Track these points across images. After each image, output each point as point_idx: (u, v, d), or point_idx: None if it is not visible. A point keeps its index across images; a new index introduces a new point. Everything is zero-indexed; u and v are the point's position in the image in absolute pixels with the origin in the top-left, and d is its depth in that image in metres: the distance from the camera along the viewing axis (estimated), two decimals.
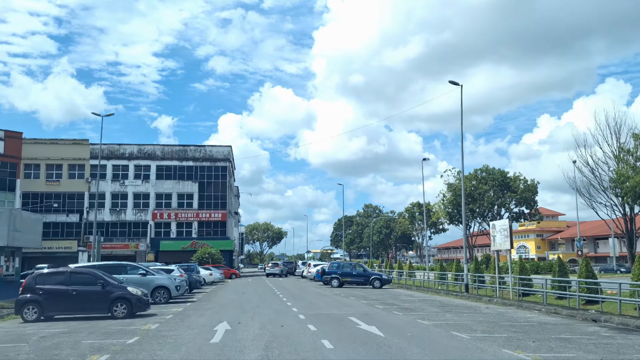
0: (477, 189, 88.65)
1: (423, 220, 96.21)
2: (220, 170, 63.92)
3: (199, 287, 31.14)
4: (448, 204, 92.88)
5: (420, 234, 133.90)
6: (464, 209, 29.59)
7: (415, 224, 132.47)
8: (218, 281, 43.77)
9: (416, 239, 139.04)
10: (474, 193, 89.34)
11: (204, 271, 40.57)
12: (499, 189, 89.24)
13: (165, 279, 22.89)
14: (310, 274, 46.69)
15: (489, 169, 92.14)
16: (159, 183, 62.81)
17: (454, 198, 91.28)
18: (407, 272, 41.91)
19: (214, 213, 62.82)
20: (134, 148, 63.44)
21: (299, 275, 56.27)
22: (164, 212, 62.36)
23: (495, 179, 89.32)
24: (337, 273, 35.71)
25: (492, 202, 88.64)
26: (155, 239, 61.62)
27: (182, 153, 63.61)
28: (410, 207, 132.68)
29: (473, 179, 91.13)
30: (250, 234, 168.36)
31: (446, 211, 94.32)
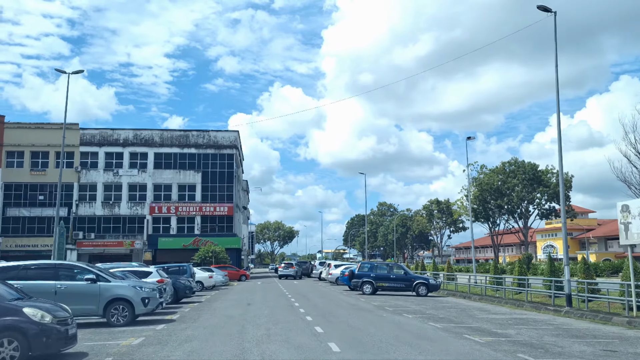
0: (505, 183, 79.96)
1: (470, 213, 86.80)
2: (227, 159, 55.69)
3: (189, 295, 22.79)
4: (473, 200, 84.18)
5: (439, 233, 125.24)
6: (562, 191, 20.69)
7: (433, 222, 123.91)
8: (221, 285, 35.49)
9: (434, 238, 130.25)
10: (501, 188, 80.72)
11: (202, 273, 32.31)
12: (529, 183, 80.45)
13: (127, 288, 14.55)
14: (331, 277, 38.30)
15: (517, 162, 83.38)
16: (157, 173, 54.71)
17: (480, 193, 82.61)
18: (445, 274, 33.56)
19: (219, 206, 54.61)
20: (129, 133, 55.42)
21: (315, 277, 47.87)
22: (162, 205, 54.24)
23: (525, 172, 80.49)
24: (370, 276, 27.28)
25: (522, 197, 79.83)
26: (153, 236, 53.52)
27: (184, 139, 55.49)
28: (428, 205, 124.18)
29: (500, 172, 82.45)
30: (261, 233, 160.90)
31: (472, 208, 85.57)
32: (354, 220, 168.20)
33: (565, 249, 20.73)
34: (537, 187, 78.54)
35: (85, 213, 53.59)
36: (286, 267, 49.44)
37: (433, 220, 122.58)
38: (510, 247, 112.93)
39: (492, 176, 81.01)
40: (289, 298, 24.25)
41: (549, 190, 77.25)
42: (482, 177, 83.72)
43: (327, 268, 40.77)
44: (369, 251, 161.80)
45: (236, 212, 56.14)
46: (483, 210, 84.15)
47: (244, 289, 33.23)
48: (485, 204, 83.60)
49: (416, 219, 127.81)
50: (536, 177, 78.88)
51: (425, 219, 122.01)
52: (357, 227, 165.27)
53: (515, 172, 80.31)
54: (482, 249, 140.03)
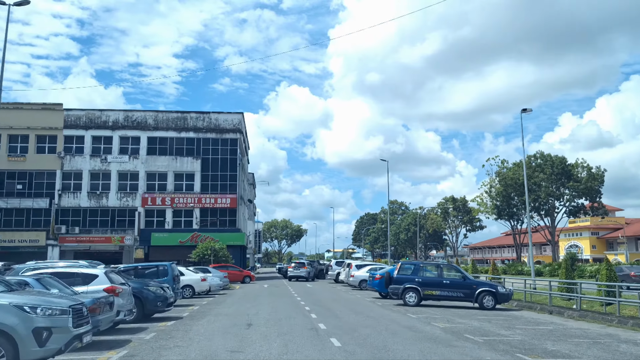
0: (532, 177, 72.29)
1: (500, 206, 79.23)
2: (229, 144, 48.40)
3: (163, 309, 15.33)
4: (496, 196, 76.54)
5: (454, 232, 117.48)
6: None
7: (448, 221, 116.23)
8: (218, 289, 28.12)
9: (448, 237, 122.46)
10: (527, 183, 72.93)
11: (192, 275, 24.97)
12: (557, 177, 72.66)
13: (6, 311, 7.22)
14: (353, 279, 30.90)
15: (544, 155, 75.60)
16: (151, 159, 47.51)
17: (504, 189, 74.92)
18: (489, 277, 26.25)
19: (220, 198, 47.33)
20: (120, 115, 48.24)
21: (330, 279, 40.46)
22: (157, 196, 47.03)
23: (553, 166, 72.70)
24: (415, 281, 19.84)
25: (551, 193, 72.06)
26: (145, 231, 46.31)
27: (181, 121, 48.24)
28: (443, 202, 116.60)
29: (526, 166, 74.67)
30: (268, 231, 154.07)
31: (494, 204, 77.97)
32: (363, 219, 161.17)
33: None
34: (567, 182, 70.86)
35: (69, 204, 46.47)
36: (297, 267, 42.01)
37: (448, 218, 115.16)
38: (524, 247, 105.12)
39: (517, 170, 73.32)
40: (308, 313, 16.85)
41: (580, 186, 69.52)
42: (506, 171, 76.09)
43: (347, 269, 33.36)
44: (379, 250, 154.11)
45: (240, 204, 48.87)
46: (508, 207, 76.57)
47: (246, 295, 25.86)
48: (509, 200, 75.98)
49: (430, 217, 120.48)
50: (565, 172, 71.24)
51: (439, 217, 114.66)
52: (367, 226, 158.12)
53: (542, 166, 72.67)
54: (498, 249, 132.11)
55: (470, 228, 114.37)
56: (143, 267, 20.04)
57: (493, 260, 40.52)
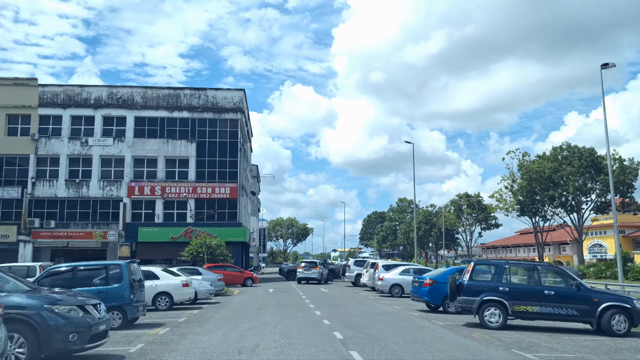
0: (558, 170, 64.85)
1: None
2: (229, 125, 41.41)
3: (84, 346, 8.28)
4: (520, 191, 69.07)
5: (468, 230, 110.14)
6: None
7: (462, 218, 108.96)
8: (208, 297, 21.02)
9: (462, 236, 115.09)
10: (554, 176, 65.48)
11: (170, 279, 17.92)
12: (585, 171, 65.23)
13: None
14: (381, 284, 23.79)
15: (571, 147, 68.08)
16: (138, 143, 40.59)
17: (528, 183, 67.48)
18: None
19: (219, 187, 40.37)
20: (103, 91, 41.30)
21: (348, 281, 33.35)
22: (145, 185, 40.10)
23: (581, 159, 65.29)
24: (499, 291, 12.72)
25: (580, 187, 64.64)
26: (132, 225, 39.40)
27: (173, 99, 41.26)
28: (456, 200, 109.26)
29: (552, 159, 67.21)
30: (273, 230, 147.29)
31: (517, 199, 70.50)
32: (370, 217, 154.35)
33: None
34: (597, 176, 63.51)
35: (44, 194, 39.61)
36: (307, 268, 34.88)
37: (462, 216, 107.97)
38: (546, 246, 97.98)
39: (543, 164, 65.94)
40: (342, 345, 9.78)
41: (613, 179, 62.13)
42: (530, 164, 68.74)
43: (372, 270, 26.28)
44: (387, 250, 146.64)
45: (241, 195, 41.86)
46: (532, 203, 69.14)
47: (244, 307, 18.78)
48: (534, 195, 68.56)
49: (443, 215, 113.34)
50: (594, 164, 63.91)
51: (453, 215, 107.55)
52: (375, 224, 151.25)
53: (570, 158, 65.34)
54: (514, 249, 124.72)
55: (485, 226, 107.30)
56: (85, 268, 13.04)
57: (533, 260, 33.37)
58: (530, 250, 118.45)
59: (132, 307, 12.82)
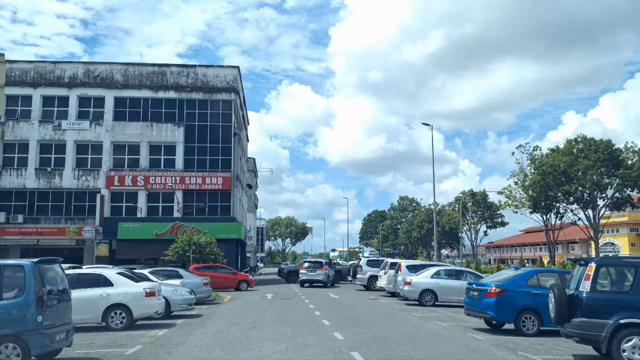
0: (574, 164, 59.75)
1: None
2: (222, 107, 36.22)
3: None
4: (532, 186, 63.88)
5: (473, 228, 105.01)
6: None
7: (467, 216, 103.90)
8: (187, 308, 15.69)
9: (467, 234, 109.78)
10: (569, 171, 60.34)
11: (127, 286, 12.63)
12: (603, 164, 60.14)
13: None
14: (409, 289, 18.58)
15: (587, 139, 62.92)
16: (118, 127, 35.37)
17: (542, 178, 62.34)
18: None
19: (210, 177, 35.18)
20: (79, 68, 36.05)
21: (360, 284, 28.07)
22: (126, 174, 34.87)
23: (598, 152, 60.22)
24: None
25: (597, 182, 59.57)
26: (111, 220, 34.18)
27: (158, 77, 36.03)
28: (460, 197, 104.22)
29: (567, 152, 62.06)
30: (271, 229, 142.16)
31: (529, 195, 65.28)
32: (371, 216, 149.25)
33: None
34: (616, 170, 58.46)
35: (11, 185, 34.38)
36: (311, 269, 29.58)
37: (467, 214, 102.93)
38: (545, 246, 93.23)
39: (558, 157, 60.79)
40: None
41: (632, 173, 57.19)
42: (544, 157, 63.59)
43: (395, 272, 21.10)
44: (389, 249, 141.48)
45: (236, 186, 36.65)
46: (546, 198, 63.95)
47: (231, 323, 13.51)
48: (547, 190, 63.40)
49: (447, 213, 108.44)
50: (612, 158, 58.90)
51: (457, 212, 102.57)
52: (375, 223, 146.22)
53: (586, 151, 60.27)
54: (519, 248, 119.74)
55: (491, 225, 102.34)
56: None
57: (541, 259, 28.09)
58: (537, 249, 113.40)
59: (42, 336, 7.66)
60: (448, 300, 18.44)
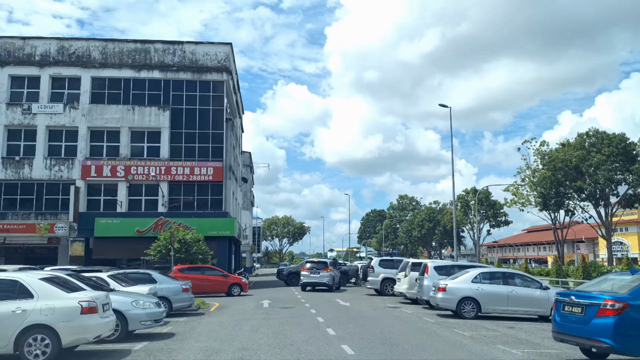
0: (586, 159, 55.83)
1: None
2: (212, 89, 32.00)
3: None
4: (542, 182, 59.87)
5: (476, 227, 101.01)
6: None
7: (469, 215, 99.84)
8: (151, 325, 11.40)
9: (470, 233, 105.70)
10: (581, 166, 56.40)
11: (56, 299, 8.37)
12: (616, 159, 56.32)
13: None
14: (444, 297, 14.39)
15: (599, 133, 59.03)
16: (96, 110, 31.11)
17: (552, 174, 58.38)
18: None
19: (199, 167, 30.98)
20: (52, 45, 31.76)
21: (371, 288, 23.77)
22: (104, 164, 30.62)
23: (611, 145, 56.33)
24: None
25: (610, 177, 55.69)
26: (87, 215, 29.93)
27: (141, 55, 31.77)
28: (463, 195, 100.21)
29: (578, 146, 58.13)
30: (268, 228, 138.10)
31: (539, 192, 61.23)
32: (369, 216, 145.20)
33: None
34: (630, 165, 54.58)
35: None
36: (315, 270, 25.30)
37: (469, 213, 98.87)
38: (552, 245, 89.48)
39: (570, 152, 56.80)
40: None
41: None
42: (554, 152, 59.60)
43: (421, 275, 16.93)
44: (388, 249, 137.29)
45: (228, 178, 32.42)
46: (557, 195, 59.93)
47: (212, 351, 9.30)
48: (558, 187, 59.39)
49: (449, 212, 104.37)
50: (627, 152, 55.05)
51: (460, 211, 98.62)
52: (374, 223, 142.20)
53: (599, 145, 56.34)
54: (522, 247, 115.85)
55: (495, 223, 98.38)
56: None
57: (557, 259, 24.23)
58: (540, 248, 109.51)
59: None
60: (493, 310, 14.37)
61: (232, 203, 34.49)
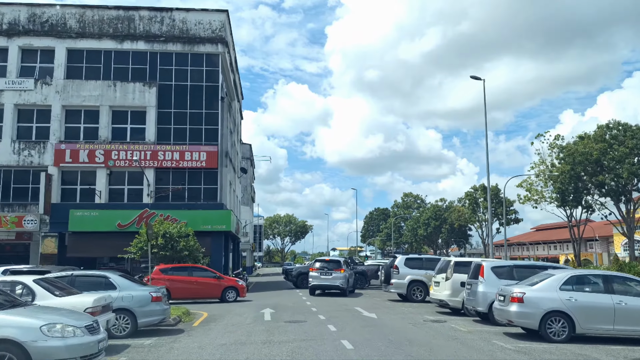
0: (607, 152, 51.40)
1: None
2: (206, 62, 27.59)
3: None
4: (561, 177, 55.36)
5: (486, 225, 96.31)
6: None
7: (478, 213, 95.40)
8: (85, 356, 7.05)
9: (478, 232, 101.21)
10: (602, 159, 51.90)
11: None
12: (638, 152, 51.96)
13: None
14: (518, 311, 9.92)
15: (621, 124, 54.58)
16: (72, 87, 26.71)
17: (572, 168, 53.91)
18: None
19: (190, 151, 26.58)
20: (21, 12, 27.33)
21: (395, 292, 19.19)
22: (81, 148, 26.22)
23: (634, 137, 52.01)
24: None
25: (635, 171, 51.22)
26: (60, 207, 25.56)
27: (124, 25, 27.37)
28: (471, 192, 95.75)
29: (599, 139, 53.64)
30: (269, 227, 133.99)
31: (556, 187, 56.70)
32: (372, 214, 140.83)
33: None
34: None
35: None
36: (325, 271, 20.80)
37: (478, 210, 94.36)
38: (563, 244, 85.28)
39: (590, 144, 52.32)
40: None
41: None
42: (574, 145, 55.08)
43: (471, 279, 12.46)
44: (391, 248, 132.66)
45: (224, 165, 28.02)
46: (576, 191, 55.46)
47: None
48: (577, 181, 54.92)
49: (457, 209, 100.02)
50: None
51: (468, 209, 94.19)
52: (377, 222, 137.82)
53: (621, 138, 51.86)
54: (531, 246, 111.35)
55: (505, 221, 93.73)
56: None
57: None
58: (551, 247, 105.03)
59: None
60: (592, 330, 9.95)
61: (229, 194, 30.10)
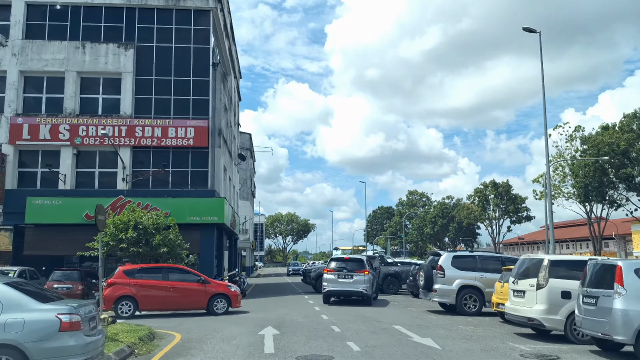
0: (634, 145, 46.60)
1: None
2: (194, 21, 22.64)
3: None
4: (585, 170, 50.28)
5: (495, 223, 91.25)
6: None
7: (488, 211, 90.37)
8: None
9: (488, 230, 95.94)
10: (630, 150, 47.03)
11: None
12: None
13: None
14: None
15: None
16: (32, 48, 21.75)
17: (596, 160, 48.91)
18: None
19: (174, 127, 21.61)
20: None
21: (439, 301, 14.13)
22: (42, 122, 21.25)
23: None
24: None
25: None
26: (16, 194, 20.59)
27: None
28: (481, 189, 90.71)
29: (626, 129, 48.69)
30: (271, 226, 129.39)
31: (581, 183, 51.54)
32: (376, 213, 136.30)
33: None
34: None
35: None
36: (344, 273, 15.54)
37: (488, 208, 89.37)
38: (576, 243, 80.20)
39: (614, 135, 47.45)
40: None
41: None
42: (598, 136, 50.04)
43: (592, 288, 7.36)
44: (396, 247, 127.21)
45: (217, 145, 23.03)
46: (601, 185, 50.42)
47: None
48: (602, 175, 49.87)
49: (465, 207, 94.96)
50: None
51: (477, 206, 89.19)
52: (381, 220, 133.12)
53: None
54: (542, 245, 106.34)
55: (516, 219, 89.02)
56: None
57: None
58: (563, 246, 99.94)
59: None
60: None
61: (222, 181, 25.09)
